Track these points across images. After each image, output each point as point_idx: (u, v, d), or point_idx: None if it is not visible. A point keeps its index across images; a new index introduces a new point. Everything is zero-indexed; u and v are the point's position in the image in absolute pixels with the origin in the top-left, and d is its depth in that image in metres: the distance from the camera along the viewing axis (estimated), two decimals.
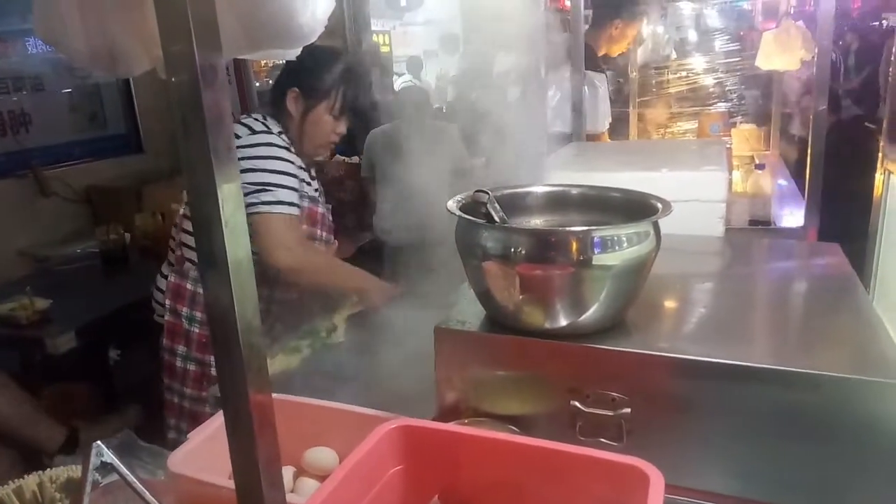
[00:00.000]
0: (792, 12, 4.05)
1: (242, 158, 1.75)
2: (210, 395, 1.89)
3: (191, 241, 1.90)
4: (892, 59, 1.62)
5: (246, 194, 1.72)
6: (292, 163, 1.85)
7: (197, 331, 1.92)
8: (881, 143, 1.62)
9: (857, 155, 1.87)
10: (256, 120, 1.85)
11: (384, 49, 8.56)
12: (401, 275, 2.11)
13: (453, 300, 1.34)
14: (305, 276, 1.85)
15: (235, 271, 0.64)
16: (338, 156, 4.15)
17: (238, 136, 1.79)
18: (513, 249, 1.07)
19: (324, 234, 2.06)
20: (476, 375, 1.17)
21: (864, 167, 1.88)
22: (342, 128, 1.97)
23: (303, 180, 1.91)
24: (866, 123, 4.19)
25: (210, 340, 0.65)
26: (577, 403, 1.09)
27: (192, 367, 1.93)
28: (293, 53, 0.80)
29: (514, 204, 1.29)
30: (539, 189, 1.34)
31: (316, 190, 2.06)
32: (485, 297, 1.17)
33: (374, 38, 8.03)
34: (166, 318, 1.94)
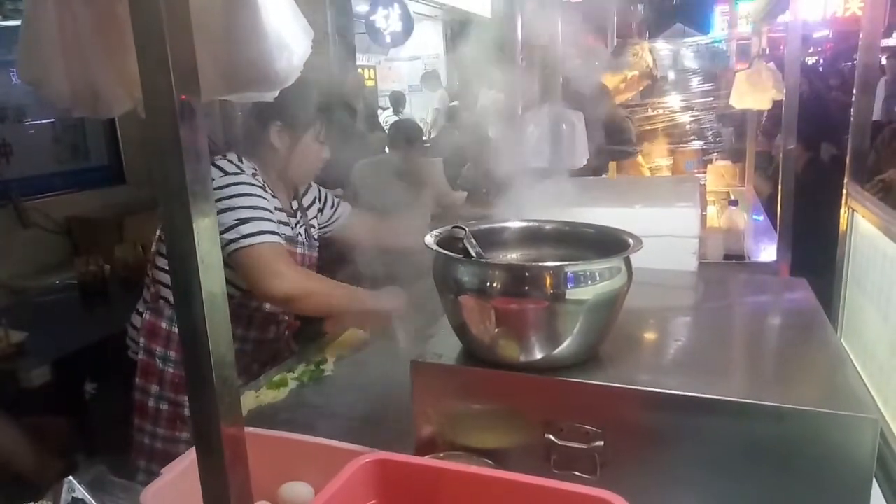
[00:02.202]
0: (766, 53, 4.19)
1: (217, 200, 1.72)
2: (186, 436, 1.86)
3: (166, 278, 1.87)
4: (853, 101, 1.68)
5: (224, 231, 1.70)
6: (268, 200, 1.84)
7: (171, 371, 1.88)
8: (846, 182, 1.67)
9: (832, 189, 1.94)
10: (230, 162, 1.84)
11: (369, 83, 8.69)
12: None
13: (431, 333, 1.35)
14: (303, 302, 1.82)
15: (209, 306, 0.66)
16: (320, 187, 4.17)
17: (211, 179, 1.78)
18: (488, 284, 1.09)
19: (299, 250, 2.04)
20: (452, 409, 1.18)
21: (837, 202, 1.94)
22: (327, 153, 1.99)
23: (280, 221, 1.89)
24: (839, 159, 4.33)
25: (184, 380, 0.66)
26: (551, 437, 1.10)
27: (165, 406, 1.90)
28: (270, 96, 0.83)
29: (491, 239, 1.32)
30: (514, 224, 1.37)
31: (297, 229, 2.04)
32: (461, 330, 1.18)
33: (360, 72, 8.16)
34: (140, 356, 1.91)
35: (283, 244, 1.81)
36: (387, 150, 3.99)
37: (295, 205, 2.06)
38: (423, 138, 4.21)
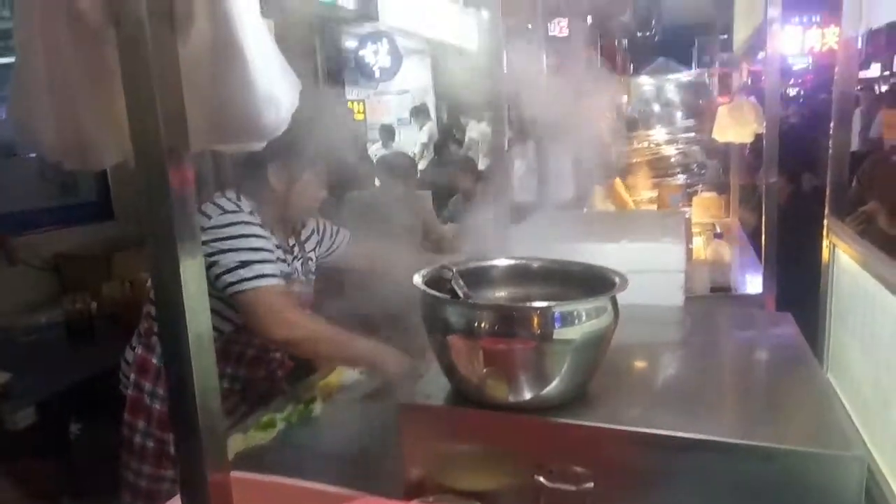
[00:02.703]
0: (749, 85, 4.28)
1: (216, 240, 1.74)
2: (171, 474, 1.83)
3: None
4: (831, 132, 1.71)
5: (225, 273, 1.71)
6: (268, 239, 1.83)
7: (158, 407, 1.87)
8: (826, 214, 1.70)
9: (814, 220, 1.96)
10: (229, 200, 1.84)
11: (359, 116, 8.77)
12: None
13: (419, 372, 1.35)
14: (306, 346, 1.82)
15: (196, 350, 0.66)
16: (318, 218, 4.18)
17: (209, 217, 1.77)
18: (476, 324, 1.09)
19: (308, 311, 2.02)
20: (441, 451, 1.17)
21: (821, 233, 1.96)
22: (324, 193, 2.01)
23: (278, 258, 1.89)
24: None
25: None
26: (541, 478, 1.09)
27: (150, 443, 1.88)
28: (257, 147, 0.84)
29: (479, 277, 1.32)
30: (502, 262, 1.38)
31: (294, 265, 2.03)
32: (450, 370, 1.18)
33: (350, 105, 8.25)
34: (130, 391, 1.90)
35: (284, 285, 1.81)
36: (376, 182, 4.02)
37: (292, 241, 2.06)
38: (415, 171, 4.25)
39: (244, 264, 1.72)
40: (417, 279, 1.20)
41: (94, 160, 0.81)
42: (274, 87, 0.77)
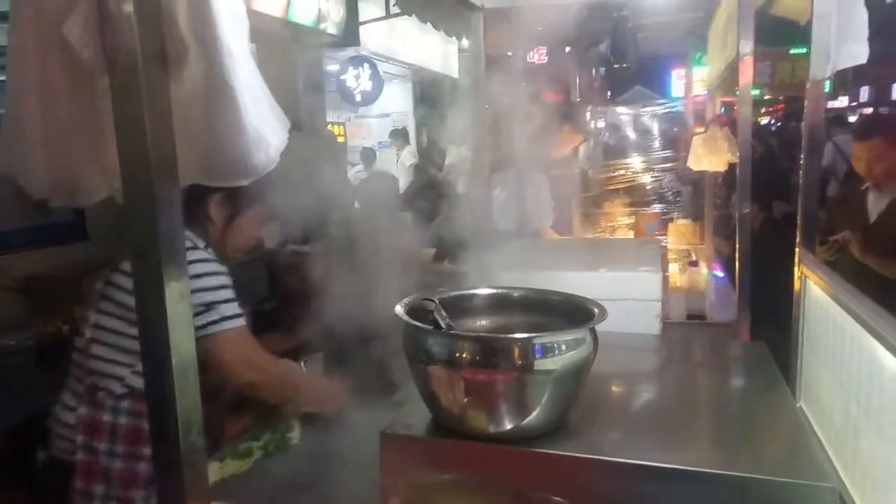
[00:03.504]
0: (723, 115, 4.38)
1: None
2: None
3: (107, 368, 1.72)
4: (801, 162, 1.76)
5: None
6: (227, 275, 1.76)
7: (119, 466, 1.71)
8: (797, 244, 1.73)
9: (787, 248, 2.01)
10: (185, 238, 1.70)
11: (340, 139, 8.80)
12: (352, 371, 2.10)
13: (400, 401, 1.35)
14: (267, 389, 1.78)
15: (180, 381, 0.66)
16: (289, 245, 4.17)
17: None
18: (457, 355, 1.11)
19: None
20: (421, 480, 1.17)
21: (793, 260, 2.01)
22: (266, 233, 1.90)
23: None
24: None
25: (135, 474, 0.65)
26: None
27: None
28: (245, 182, 0.85)
29: (460, 306, 1.34)
30: (483, 292, 1.39)
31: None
32: (430, 400, 1.19)
33: (330, 128, 8.28)
34: (79, 455, 1.71)
35: (245, 327, 1.75)
36: (356, 205, 4.01)
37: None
38: (397, 195, 4.25)
39: (208, 307, 1.65)
40: (399, 309, 1.21)
41: (82, 197, 0.81)
42: (263, 127, 0.78)
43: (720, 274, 3.50)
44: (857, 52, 1.46)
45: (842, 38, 1.53)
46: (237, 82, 0.72)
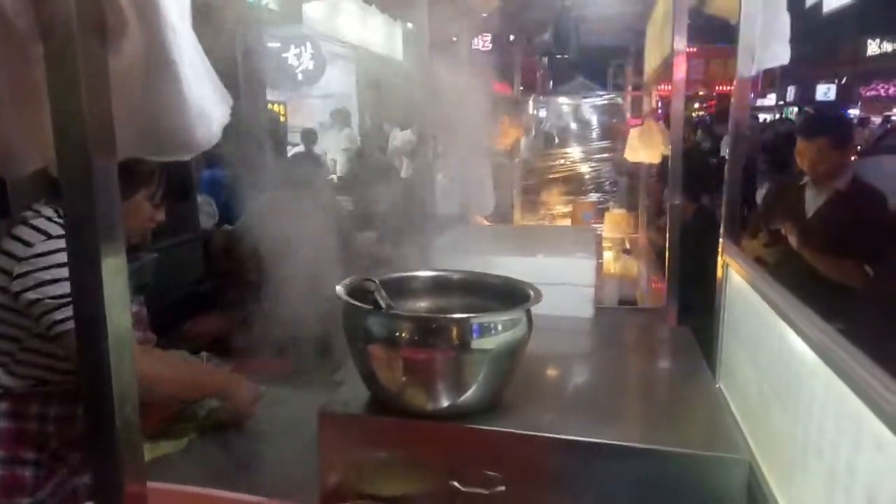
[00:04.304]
0: (659, 109, 4.52)
1: (39, 270, 1.47)
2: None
3: None
4: (727, 156, 1.85)
5: (51, 311, 1.47)
6: None
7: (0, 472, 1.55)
8: (721, 235, 1.83)
9: (715, 241, 2.12)
10: (50, 220, 1.54)
11: (281, 119, 8.61)
12: (287, 351, 2.09)
13: (338, 380, 1.36)
14: (147, 389, 1.54)
15: (116, 356, 0.65)
16: (226, 225, 4.08)
17: (29, 244, 1.49)
18: (396, 334, 1.13)
19: (139, 333, 1.82)
20: (359, 458, 1.19)
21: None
22: (161, 215, 1.77)
23: None
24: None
25: (18, 481, 0.63)
26: (455, 483, 1.14)
27: None
28: (186, 157, 0.84)
29: (400, 287, 1.36)
30: (423, 274, 1.42)
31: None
32: (369, 379, 1.21)
33: (269, 106, 8.09)
34: None
35: None
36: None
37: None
38: (326, 175, 4.19)
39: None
40: (340, 289, 1.22)
41: (14, 167, 0.79)
42: (205, 102, 0.77)
43: (652, 263, 3.64)
44: (780, 54, 1.55)
45: (766, 39, 1.62)
46: (179, 57, 0.71)
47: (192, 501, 1.17)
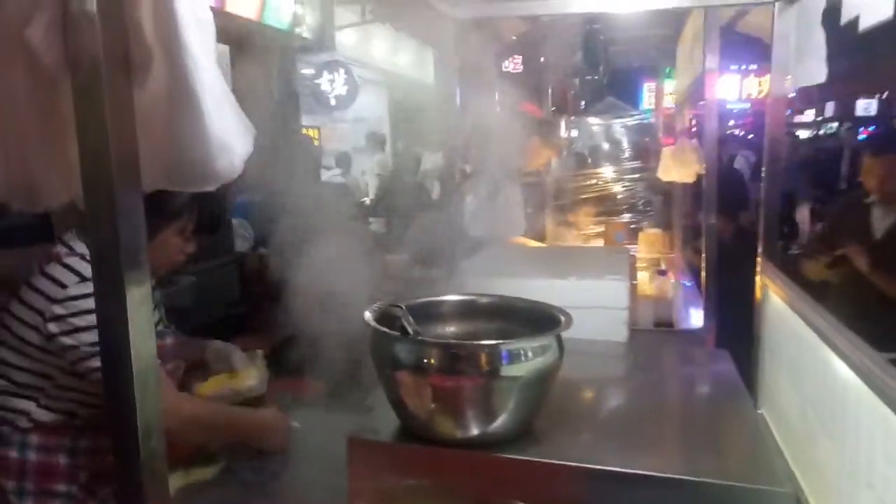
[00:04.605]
0: (693, 126, 4.46)
1: (74, 314, 1.46)
2: None
3: (8, 402, 1.57)
4: (763, 176, 1.80)
5: (87, 357, 1.46)
6: None
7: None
8: (759, 254, 1.78)
9: (753, 261, 2.06)
10: (83, 259, 1.52)
11: (315, 142, 8.76)
12: (319, 376, 2.09)
13: (368, 405, 1.35)
14: (186, 432, 1.59)
15: (141, 386, 0.65)
16: (261, 248, 4.14)
17: (63, 286, 1.48)
18: (424, 361, 1.11)
19: (169, 365, 1.77)
20: (388, 485, 1.17)
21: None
22: (192, 247, 1.75)
23: None
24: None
25: None
26: None
27: None
28: (209, 188, 0.84)
29: (428, 312, 1.35)
30: (451, 298, 1.40)
31: (154, 314, 1.75)
32: (398, 406, 1.19)
33: (304, 131, 8.24)
34: None
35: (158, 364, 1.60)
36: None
37: (157, 293, 1.82)
38: (356, 200, 4.21)
39: None
40: (368, 315, 1.22)
41: (42, 200, 0.80)
42: (228, 134, 0.78)
43: (688, 283, 3.56)
44: (816, 71, 1.51)
45: (800, 57, 1.58)
46: (201, 89, 0.72)
47: None
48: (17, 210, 0.85)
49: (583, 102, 8.16)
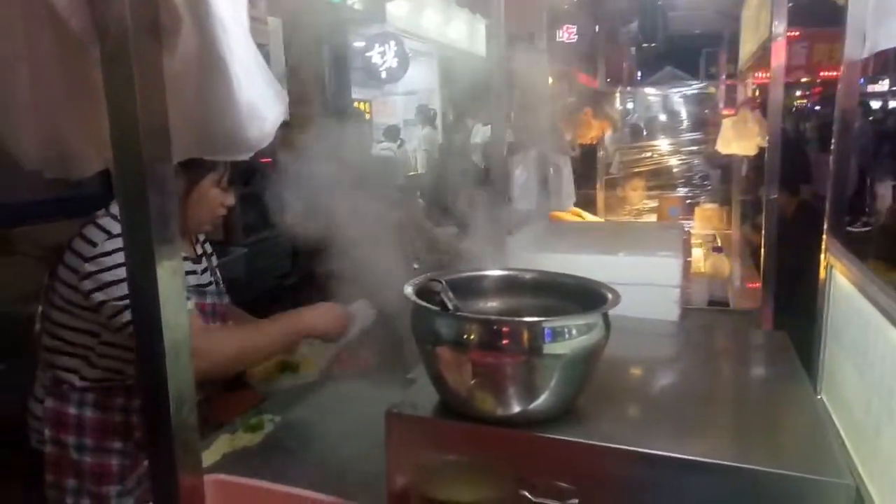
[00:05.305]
0: (757, 97, 4.25)
1: (105, 270, 1.51)
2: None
3: (65, 361, 1.64)
4: (833, 147, 1.69)
5: (119, 312, 1.51)
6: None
7: (89, 460, 1.64)
8: (825, 232, 1.68)
9: (817, 239, 1.93)
10: (115, 219, 1.56)
11: (366, 116, 8.79)
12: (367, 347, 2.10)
13: (410, 380, 1.34)
14: (229, 367, 1.65)
15: (172, 355, 0.65)
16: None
17: (94, 244, 1.54)
18: (464, 337, 1.09)
19: (216, 325, 1.84)
20: (426, 461, 1.16)
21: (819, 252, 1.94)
22: (231, 199, 1.78)
23: (186, 272, 1.69)
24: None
25: (105, 469, 0.64)
26: (525, 493, 1.09)
27: (86, 502, 1.65)
28: (244, 157, 0.83)
29: (469, 287, 1.32)
30: (493, 273, 1.37)
31: (207, 278, 1.84)
32: (437, 381, 1.17)
33: (356, 105, 8.26)
34: (48, 449, 1.65)
35: (192, 311, 1.61)
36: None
37: (200, 249, 1.88)
38: (403, 173, 4.19)
39: None
40: (408, 289, 1.20)
41: (75, 169, 0.81)
42: (258, 102, 0.76)
43: (746, 261, 3.43)
44: (894, 33, 1.38)
45: (880, 16, 1.45)
46: (230, 55, 0.70)
47: (262, 496, 1.18)
48: (84, 179, 0.87)
49: (640, 73, 7.89)
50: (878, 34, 1.44)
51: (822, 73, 9.83)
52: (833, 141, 1.73)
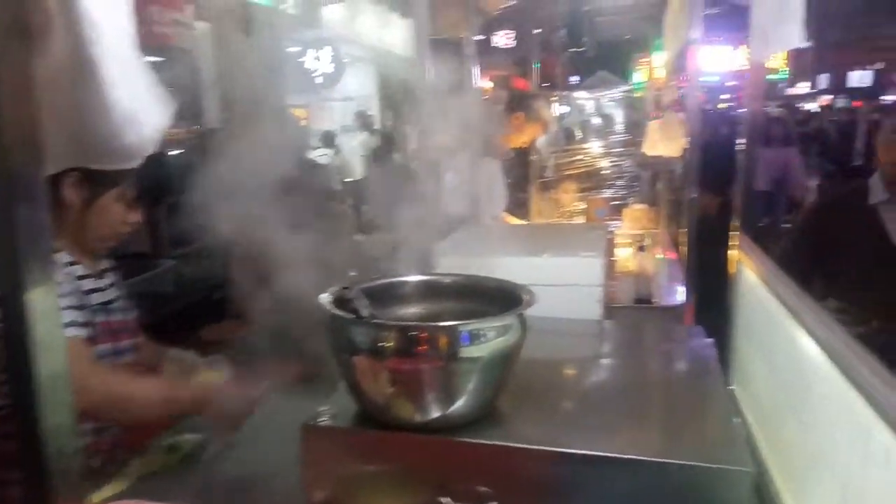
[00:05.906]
0: (679, 99, 4.39)
1: None
2: None
3: None
4: (743, 148, 1.77)
5: None
6: (68, 274, 1.54)
7: None
8: (737, 228, 1.75)
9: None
10: None
11: (302, 122, 8.66)
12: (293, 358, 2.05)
13: (326, 391, 1.32)
14: (111, 412, 1.53)
15: (48, 390, 0.62)
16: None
17: None
18: (380, 344, 1.08)
19: (126, 342, 1.73)
20: (345, 473, 1.14)
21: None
22: (136, 216, 1.66)
23: (89, 290, 1.60)
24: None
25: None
26: (446, 499, 1.09)
27: None
28: (131, 166, 0.80)
29: (389, 294, 1.31)
30: (412, 279, 1.37)
31: (112, 293, 1.73)
32: (355, 391, 1.16)
33: (292, 111, 8.13)
34: None
35: (80, 339, 1.52)
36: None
37: (104, 264, 1.76)
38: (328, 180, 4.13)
39: None
40: (324, 297, 1.18)
41: None
42: (137, 108, 0.73)
43: (672, 258, 3.53)
44: (793, 35, 1.45)
45: (778, 21, 1.52)
46: (100, 56, 0.67)
47: None
48: None
49: (578, 77, 8.05)
50: (777, 37, 1.51)
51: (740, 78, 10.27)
52: (744, 140, 1.80)
